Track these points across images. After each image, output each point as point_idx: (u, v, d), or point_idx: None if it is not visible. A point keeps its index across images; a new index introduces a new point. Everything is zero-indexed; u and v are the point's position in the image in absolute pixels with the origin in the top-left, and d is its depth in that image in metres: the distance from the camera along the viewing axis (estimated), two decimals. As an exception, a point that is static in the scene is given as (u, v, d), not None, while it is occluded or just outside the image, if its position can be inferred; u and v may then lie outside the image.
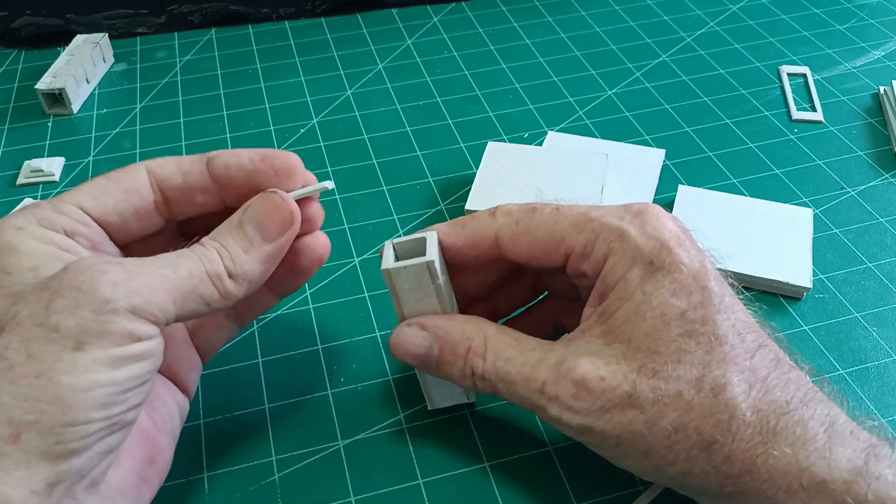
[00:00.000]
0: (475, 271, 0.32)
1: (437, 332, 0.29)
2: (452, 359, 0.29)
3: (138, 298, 0.23)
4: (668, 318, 0.25)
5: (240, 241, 0.27)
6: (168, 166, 0.28)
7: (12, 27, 0.59)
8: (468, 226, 0.30)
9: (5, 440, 0.21)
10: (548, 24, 0.62)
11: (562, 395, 0.26)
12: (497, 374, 0.28)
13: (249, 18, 0.62)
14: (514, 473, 0.32)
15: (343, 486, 0.31)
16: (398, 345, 0.30)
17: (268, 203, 0.28)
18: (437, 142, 0.50)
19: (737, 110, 0.52)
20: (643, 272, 0.26)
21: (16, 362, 0.22)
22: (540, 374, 0.27)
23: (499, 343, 0.28)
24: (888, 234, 0.42)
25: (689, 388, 0.25)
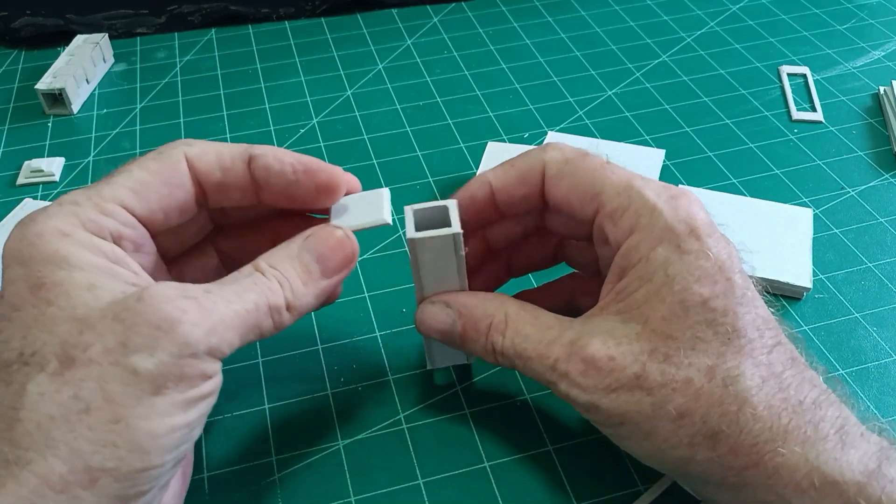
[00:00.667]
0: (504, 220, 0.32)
1: (460, 308, 0.29)
2: (475, 335, 0.29)
3: (215, 338, 0.23)
4: (687, 305, 0.25)
5: (300, 272, 0.26)
6: (208, 159, 0.27)
7: (12, 27, 0.59)
8: (516, 162, 0.30)
9: (82, 486, 0.20)
10: (548, 24, 0.62)
11: (571, 373, 0.26)
12: (515, 350, 0.28)
13: (249, 18, 0.62)
14: (514, 473, 0.32)
15: (343, 486, 0.31)
16: (423, 321, 0.30)
17: (332, 239, 0.27)
18: (437, 142, 0.50)
19: (737, 110, 0.52)
20: (668, 254, 0.26)
21: (92, 405, 0.21)
22: (553, 352, 0.27)
23: (518, 320, 0.28)
24: (888, 234, 0.42)
25: (700, 375, 0.25)
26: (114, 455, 0.21)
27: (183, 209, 0.27)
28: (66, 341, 0.21)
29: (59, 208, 0.24)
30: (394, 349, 0.36)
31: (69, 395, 0.21)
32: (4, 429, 0.21)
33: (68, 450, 0.20)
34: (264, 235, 0.31)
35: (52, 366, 0.21)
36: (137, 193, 0.26)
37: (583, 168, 0.28)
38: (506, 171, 0.30)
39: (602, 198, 0.28)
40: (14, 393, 0.21)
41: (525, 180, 0.29)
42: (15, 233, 0.24)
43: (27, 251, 0.23)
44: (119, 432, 0.21)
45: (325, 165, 0.28)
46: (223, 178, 0.27)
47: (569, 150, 0.29)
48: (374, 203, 0.29)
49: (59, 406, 0.21)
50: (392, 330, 0.37)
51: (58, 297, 0.22)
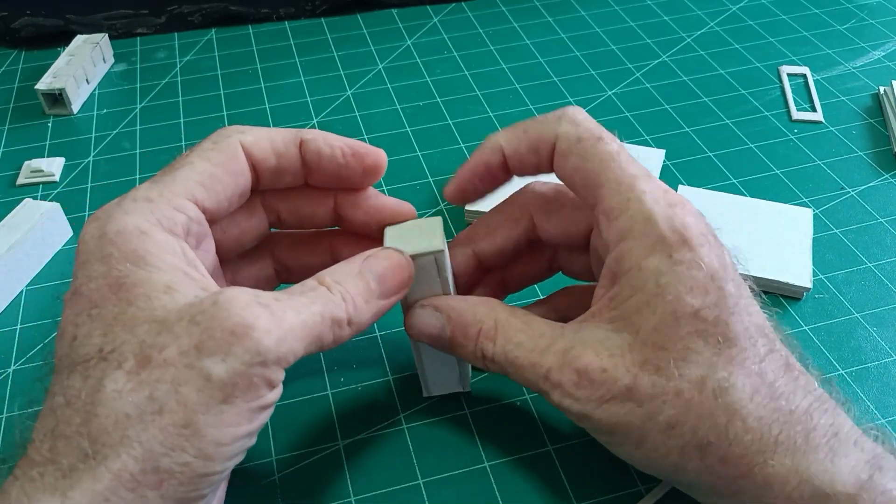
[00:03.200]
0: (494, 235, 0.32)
1: (449, 313, 0.29)
2: (464, 341, 0.29)
3: (284, 347, 0.23)
4: (679, 315, 0.25)
5: (362, 290, 0.26)
6: (262, 145, 0.28)
7: (12, 27, 0.59)
8: (530, 129, 0.29)
9: (150, 486, 0.21)
10: (548, 24, 0.62)
11: (564, 383, 0.26)
12: (506, 358, 0.28)
13: (249, 19, 0.62)
14: (514, 473, 0.32)
15: (343, 486, 0.31)
16: (412, 325, 0.30)
17: (392, 261, 0.28)
18: (437, 142, 0.50)
19: (737, 110, 0.52)
20: (660, 264, 0.25)
21: (165, 407, 0.21)
22: (546, 361, 0.27)
23: (509, 327, 0.28)
24: (888, 234, 0.42)
25: (691, 387, 0.25)
26: (181, 459, 0.21)
27: (242, 196, 0.28)
28: (143, 341, 0.22)
29: (135, 205, 0.25)
30: (394, 349, 0.36)
31: (145, 396, 0.21)
32: (81, 422, 0.21)
33: (142, 449, 0.21)
34: (320, 248, 0.33)
35: (129, 364, 0.22)
36: (205, 186, 0.26)
37: (592, 152, 0.28)
38: (518, 138, 0.29)
39: (602, 191, 0.27)
40: (91, 388, 0.22)
41: (536, 150, 0.29)
42: (92, 229, 0.24)
43: (107, 248, 0.23)
44: (188, 437, 0.21)
45: (371, 148, 0.29)
46: (277, 163, 0.28)
47: (584, 127, 0.28)
48: (427, 231, 0.30)
49: (135, 406, 0.21)
50: (392, 330, 0.37)
51: (138, 297, 0.23)
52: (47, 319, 0.39)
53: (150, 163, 0.49)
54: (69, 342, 0.23)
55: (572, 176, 0.28)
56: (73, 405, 0.22)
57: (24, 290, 0.40)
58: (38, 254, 0.41)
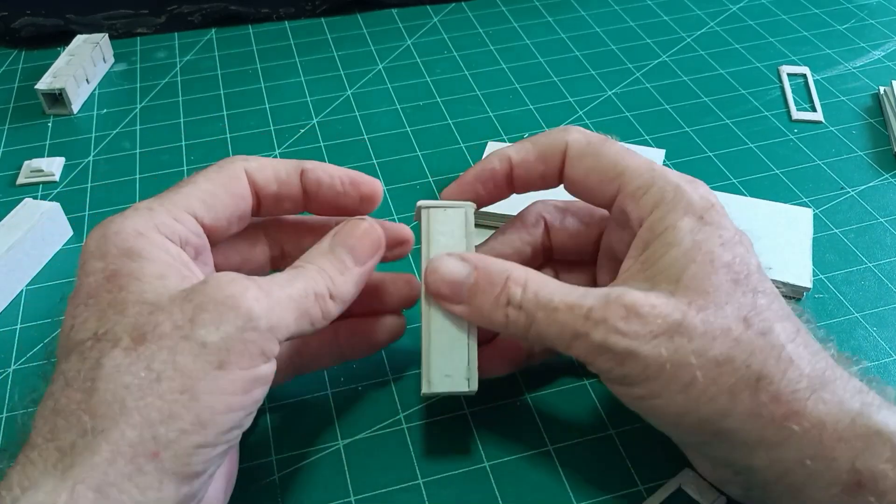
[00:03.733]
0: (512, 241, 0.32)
1: (476, 262, 0.29)
2: (488, 287, 0.28)
3: (275, 316, 0.24)
4: (716, 265, 0.26)
5: (335, 264, 0.28)
6: (266, 172, 0.29)
7: (12, 27, 0.59)
8: (538, 140, 0.31)
9: (146, 457, 0.21)
10: (548, 24, 0.62)
11: (610, 318, 0.26)
12: (538, 301, 0.27)
13: (249, 18, 0.62)
14: (514, 473, 0.32)
15: (343, 486, 0.31)
16: (435, 270, 0.29)
17: (357, 229, 0.29)
18: (437, 142, 0.50)
19: (737, 110, 0.52)
20: (694, 224, 0.27)
21: (163, 375, 0.22)
22: (587, 301, 0.26)
23: (541, 277, 0.28)
24: (888, 234, 0.42)
25: (738, 324, 0.25)
26: (176, 427, 0.21)
27: (241, 219, 0.29)
28: (136, 321, 0.23)
29: (136, 212, 0.26)
30: (394, 349, 0.36)
31: (143, 367, 0.22)
32: (83, 399, 0.22)
33: (140, 418, 0.21)
34: None
35: (124, 342, 0.22)
36: (207, 205, 0.27)
37: (605, 150, 0.29)
38: (526, 149, 0.31)
39: (624, 178, 0.29)
40: (90, 367, 0.22)
41: (545, 158, 0.30)
42: (95, 232, 0.26)
43: (105, 247, 0.25)
44: (184, 403, 0.22)
45: (367, 178, 0.30)
46: (279, 189, 0.29)
47: (591, 133, 0.30)
48: None
49: (134, 376, 0.22)
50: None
51: (130, 283, 0.24)
52: (47, 319, 0.39)
53: (150, 163, 0.49)
54: (67, 332, 0.24)
55: (587, 176, 0.30)
56: (73, 384, 0.22)
57: (24, 289, 0.40)
58: (38, 254, 0.41)
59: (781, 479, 0.25)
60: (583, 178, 0.30)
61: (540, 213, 0.33)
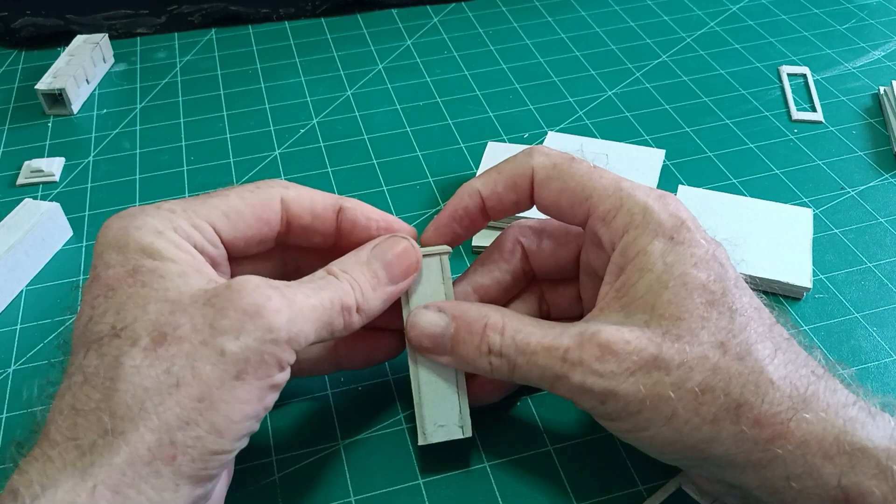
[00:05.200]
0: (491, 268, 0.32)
1: (453, 311, 0.29)
2: (468, 336, 0.29)
3: (295, 327, 0.24)
4: (690, 287, 0.26)
5: (369, 277, 0.27)
6: (302, 203, 0.29)
7: (12, 27, 0.59)
8: (503, 169, 0.30)
9: (163, 461, 0.21)
10: (548, 24, 0.62)
11: (586, 359, 0.26)
12: (516, 346, 0.28)
13: (249, 19, 0.62)
14: (514, 473, 0.32)
15: (343, 486, 0.31)
16: (414, 325, 0.30)
17: (398, 246, 0.29)
18: (437, 142, 0.50)
19: (737, 110, 0.52)
20: (664, 245, 0.27)
21: (182, 380, 0.22)
22: (563, 342, 0.27)
23: (517, 320, 0.28)
24: (888, 234, 0.42)
25: (715, 351, 0.25)
26: (193, 434, 0.22)
27: (263, 241, 0.29)
28: (157, 320, 0.23)
29: (157, 211, 0.26)
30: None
31: (162, 370, 0.22)
32: (103, 398, 0.22)
33: (158, 422, 0.21)
34: None
35: (144, 341, 0.22)
36: (229, 218, 0.27)
37: (571, 172, 0.29)
38: (494, 179, 0.30)
39: (593, 201, 0.28)
40: (109, 365, 0.22)
41: (514, 186, 0.30)
42: (113, 223, 0.25)
43: (124, 240, 0.25)
44: (202, 411, 0.22)
45: (404, 226, 0.30)
46: (312, 223, 0.29)
47: (555, 154, 0.30)
48: None
49: (153, 379, 0.22)
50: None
51: (152, 279, 0.24)
52: (47, 319, 0.39)
53: (150, 163, 0.49)
54: (84, 323, 0.24)
55: (557, 199, 0.29)
56: (92, 382, 0.22)
57: (24, 290, 0.40)
58: (38, 254, 0.41)
59: (773, 495, 0.25)
60: (553, 202, 0.29)
61: (516, 238, 0.32)
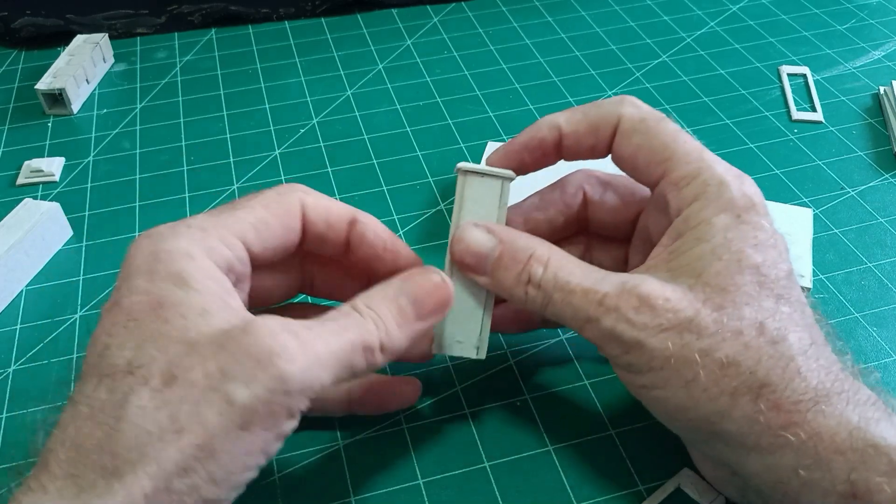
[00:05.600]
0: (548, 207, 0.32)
1: (501, 235, 0.29)
2: (511, 263, 0.28)
3: (310, 376, 0.23)
4: (743, 265, 0.26)
5: (395, 314, 0.26)
6: (319, 211, 0.29)
7: (12, 27, 0.59)
8: (589, 111, 0.30)
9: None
10: (548, 24, 0.62)
11: (622, 307, 0.26)
12: (556, 282, 0.27)
13: (249, 19, 0.62)
14: (515, 473, 0.32)
15: (343, 486, 0.31)
16: (460, 239, 0.29)
17: (428, 283, 0.28)
18: (437, 142, 0.50)
19: (737, 110, 0.52)
20: (729, 221, 0.26)
21: (186, 427, 0.21)
22: (602, 287, 0.26)
23: (563, 258, 0.28)
24: (888, 234, 0.42)
25: (751, 329, 0.25)
26: (190, 483, 0.21)
27: (287, 250, 0.28)
28: (171, 361, 0.22)
29: (188, 230, 0.25)
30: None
31: (167, 414, 0.21)
32: (104, 436, 0.21)
33: (158, 468, 0.21)
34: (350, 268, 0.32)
35: (154, 381, 0.22)
36: (258, 231, 0.27)
37: (657, 130, 0.29)
38: (578, 119, 0.30)
39: (671, 163, 0.28)
40: (116, 402, 0.22)
41: (596, 131, 0.29)
42: (144, 244, 0.25)
43: (153, 266, 0.24)
44: (202, 460, 0.21)
45: (409, 253, 0.30)
46: (326, 231, 0.29)
47: (646, 108, 0.29)
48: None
49: (157, 423, 0.21)
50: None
51: (174, 317, 0.23)
52: (47, 319, 0.39)
53: (150, 163, 0.49)
54: (100, 351, 0.23)
55: (635, 154, 0.29)
56: (97, 418, 0.22)
57: (24, 290, 0.40)
58: (38, 254, 0.41)
59: (776, 485, 0.25)
60: (631, 156, 0.29)
61: (581, 183, 0.32)
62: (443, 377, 0.35)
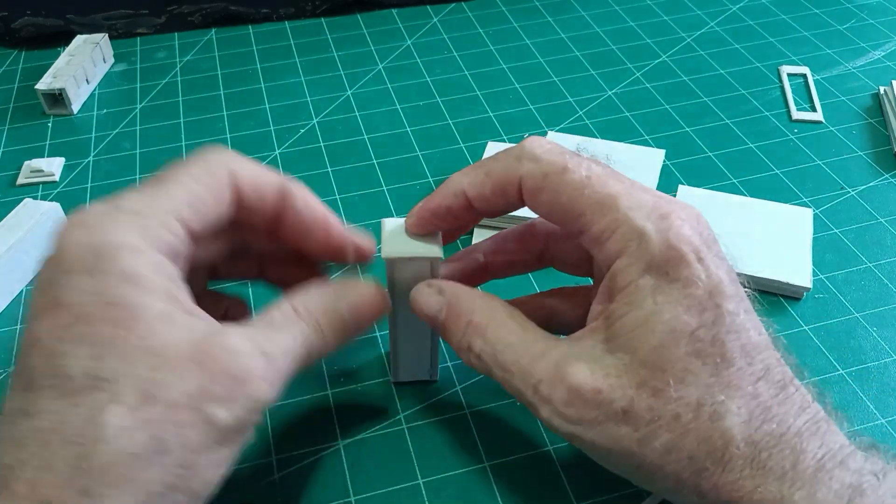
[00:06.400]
0: None
1: (449, 297, 0.29)
2: (454, 329, 0.28)
3: (276, 392, 0.25)
4: (677, 335, 0.24)
5: (336, 326, 0.27)
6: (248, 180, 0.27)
7: (12, 27, 0.59)
8: (492, 171, 0.28)
9: None
10: (548, 24, 0.62)
11: (555, 399, 0.25)
12: (494, 358, 0.27)
13: (249, 19, 0.62)
14: (514, 473, 0.32)
15: (343, 486, 0.31)
16: (415, 301, 0.29)
17: (369, 296, 0.29)
18: (437, 142, 0.50)
19: (737, 110, 0.52)
20: (656, 281, 0.25)
21: (168, 447, 0.21)
22: (537, 371, 0.26)
23: (503, 326, 0.27)
24: (888, 234, 0.42)
25: (688, 411, 0.24)
26: (172, 499, 0.22)
27: (219, 223, 0.27)
28: (143, 376, 0.22)
29: (123, 216, 0.24)
30: (394, 349, 0.36)
31: (149, 436, 0.21)
32: (78, 457, 0.21)
33: (142, 490, 0.21)
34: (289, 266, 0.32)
35: (129, 399, 0.21)
36: (193, 207, 0.25)
37: (563, 185, 0.26)
38: (481, 182, 0.28)
39: (586, 218, 0.26)
40: (86, 419, 0.21)
41: (503, 192, 0.28)
42: (79, 235, 0.23)
43: (97, 263, 0.22)
44: (184, 477, 0.22)
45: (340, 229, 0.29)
46: (256, 202, 0.28)
47: (545, 161, 0.27)
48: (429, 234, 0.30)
49: (140, 445, 0.21)
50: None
51: (132, 322, 0.22)
52: (47, 319, 0.39)
53: (150, 163, 0.49)
54: (47, 357, 0.22)
55: (549, 212, 0.28)
56: (64, 434, 0.21)
57: (24, 290, 0.40)
58: (38, 254, 0.41)
59: None
60: (545, 213, 0.28)
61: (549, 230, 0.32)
62: (443, 377, 0.35)
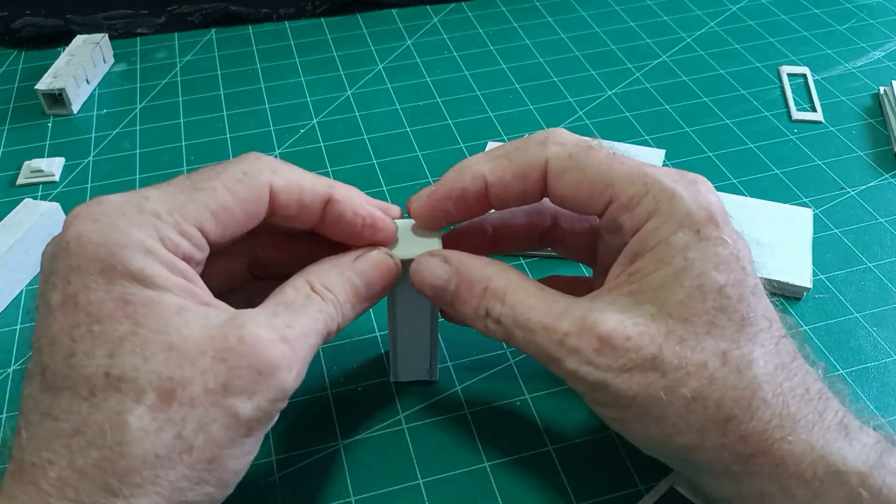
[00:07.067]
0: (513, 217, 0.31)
1: (458, 266, 0.28)
2: (468, 297, 0.27)
3: (300, 378, 0.24)
4: (705, 290, 0.25)
5: (351, 297, 0.27)
6: (291, 195, 0.27)
7: (12, 27, 0.59)
8: (514, 157, 0.28)
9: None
10: (548, 24, 0.62)
11: (583, 349, 0.25)
12: (515, 319, 0.26)
13: (249, 19, 0.62)
14: (514, 473, 0.32)
15: (343, 486, 0.31)
16: (417, 272, 0.28)
17: (383, 265, 0.28)
18: (437, 142, 0.50)
19: (737, 110, 0.52)
20: (688, 239, 0.25)
21: (195, 445, 0.22)
22: (562, 325, 0.26)
23: (520, 289, 0.27)
24: (888, 234, 0.42)
25: (715, 360, 0.24)
26: (203, 491, 0.22)
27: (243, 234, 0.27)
28: (162, 374, 0.22)
29: (141, 217, 0.23)
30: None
31: (173, 434, 0.21)
32: (104, 458, 0.21)
33: (171, 488, 0.21)
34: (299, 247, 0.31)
35: (149, 398, 0.21)
36: (217, 218, 0.25)
37: (590, 161, 0.27)
38: (503, 167, 0.28)
39: (614, 188, 0.27)
40: (109, 420, 0.21)
41: (524, 177, 0.28)
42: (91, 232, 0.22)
43: (109, 261, 0.22)
44: (212, 471, 0.22)
45: (388, 223, 0.29)
46: (297, 213, 0.27)
47: (571, 143, 0.28)
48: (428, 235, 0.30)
49: (164, 445, 0.21)
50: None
51: (147, 317, 0.22)
52: (47, 319, 0.39)
53: (150, 163, 0.49)
54: (64, 357, 0.22)
55: (574, 191, 0.27)
56: (88, 436, 0.21)
57: (24, 290, 0.40)
58: (38, 254, 0.41)
59: None
60: (571, 194, 0.27)
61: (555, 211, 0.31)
62: (443, 377, 0.35)
